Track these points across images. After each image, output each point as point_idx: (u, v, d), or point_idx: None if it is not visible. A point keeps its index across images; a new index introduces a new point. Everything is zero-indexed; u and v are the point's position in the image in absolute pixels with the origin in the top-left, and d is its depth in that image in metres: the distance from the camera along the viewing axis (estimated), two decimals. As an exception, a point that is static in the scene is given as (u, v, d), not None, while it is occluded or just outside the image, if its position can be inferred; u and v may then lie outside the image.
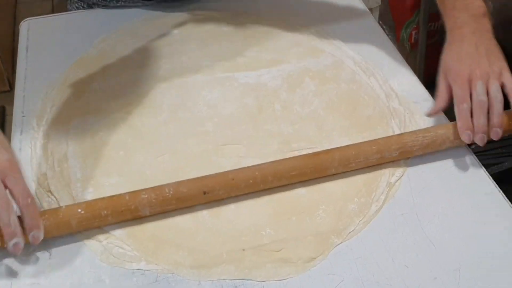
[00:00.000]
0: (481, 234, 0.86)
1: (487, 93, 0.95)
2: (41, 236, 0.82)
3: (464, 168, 0.96)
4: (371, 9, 1.30)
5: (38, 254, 0.84)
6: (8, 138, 1.04)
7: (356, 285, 0.80)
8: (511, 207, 0.90)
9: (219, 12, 1.35)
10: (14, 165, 0.82)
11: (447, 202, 0.91)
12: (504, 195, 0.92)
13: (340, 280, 0.80)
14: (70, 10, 1.41)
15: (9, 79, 2.75)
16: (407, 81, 1.15)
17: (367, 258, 0.83)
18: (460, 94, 0.96)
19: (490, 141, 0.95)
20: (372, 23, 1.29)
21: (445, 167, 0.96)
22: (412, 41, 2.42)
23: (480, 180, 0.95)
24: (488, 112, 0.94)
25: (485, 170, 0.96)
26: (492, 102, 0.94)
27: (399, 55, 1.22)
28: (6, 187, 0.80)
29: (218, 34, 1.29)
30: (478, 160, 0.97)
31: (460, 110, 0.95)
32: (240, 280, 0.80)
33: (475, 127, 0.94)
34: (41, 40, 1.27)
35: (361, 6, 1.36)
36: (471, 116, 0.95)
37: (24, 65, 1.20)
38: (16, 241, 0.79)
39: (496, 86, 0.95)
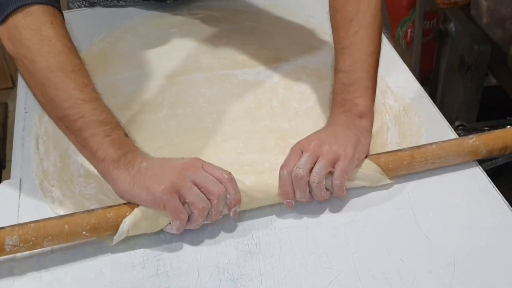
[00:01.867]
0: (475, 228, 0.86)
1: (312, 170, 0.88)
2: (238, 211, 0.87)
3: (458, 164, 0.96)
4: (367, 8, 1.29)
5: (40, 248, 0.84)
6: (11, 134, 1.04)
7: (352, 279, 0.79)
8: (505, 202, 0.90)
9: (218, 11, 1.35)
10: (199, 159, 0.88)
11: (442, 197, 0.91)
12: (498, 191, 0.92)
13: (337, 273, 0.80)
14: (72, 8, 1.40)
15: (12, 76, 2.75)
16: (402, 78, 1.15)
17: (363, 252, 0.83)
18: (286, 160, 0.90)
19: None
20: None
21: (440, 162, 0.96)
22: (408, 39, 2.42)
23: (474, 176, 0.94)
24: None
25: (479, 166, 0.96)
26: (310, 182, 0.88)
27: (395, 53, 1.22)
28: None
29: (218, 32, 1.29)
30: (472, 156, 0.97)
31: (280, 175, 0.88)
32: (239, 274, 0.81)
33: (296, 198, 0.89)
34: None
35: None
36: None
37: (26, 62, 1.20)
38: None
39: (320, 166, 0.87)
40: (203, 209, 0.83)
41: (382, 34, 0.98)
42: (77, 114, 0.84)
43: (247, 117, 1.06)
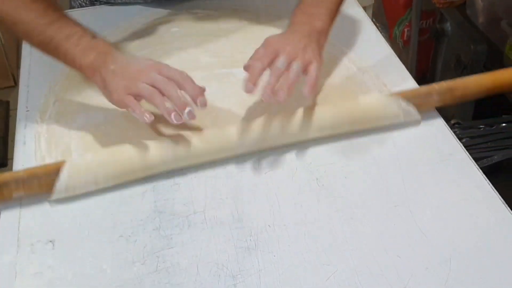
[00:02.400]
0: (471, 225, 0.86)
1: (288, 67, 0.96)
2: (207, 101, 0.93)
3: (455, 162, 0.96)
4: (365, 7, 1.29)
5: (42, 245, 0.84)
6: (13, 132, 1.04)
7: (350, 275, 0.79)
8: (500, 200, 0.90)
9: (217, 10, 1.35)
10: (159, 63, 0.97)
11: (439, 194, 0.90)
12: (493, 188, 0.91)
13: (334, 270, 0.80)
14: (74, 7, 1.40)
15: (14, 75, 2.75)
16: (399, 77, 1.14)
17: (361, 249, 0.83)
18: (261, 54, 0.98)
19: (480, 136, 0.95)
20: (366, 21, 1.29)
21: (437, 160, 0.96)
22: (405, 38, 2.42)
23: (470, 173, 0.94)
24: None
25: (475, 163, 0.96)
26: (288, 72, 0.95)
27: (391, 52, 1.22)
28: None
29: (217, 31, 1.28)
30: (468, 154, 0.97)
31: (252, 65, 0.96)
32: (238, 270, 0.80)
33: (266, 85, 0.94)
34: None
35: (356, 4, 1.35)
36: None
37: (28, 61, 1.20)
38: (189, 109, 0.90)
39: (297, 63, 0.96)
40: (154, 92, 0.91)
41: (379, 32, 0.98)
42: (48, 38, 0.95)
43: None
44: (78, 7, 1.39)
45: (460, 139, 0.98)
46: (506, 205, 0.89)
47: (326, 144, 0.99)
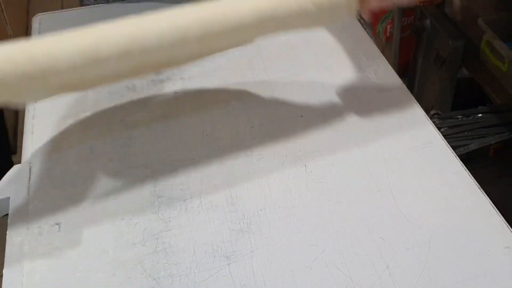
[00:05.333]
0: (449, 209, 0.86)
1: None
2: None
3: (434, 150, 0.95)
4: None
5: (49, 227, 0.84)
6: (22, 122, 1.03)
7: (336, 255, 0.79)
8: (476, 185, 0.89)
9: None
10: None
11: (419, 180, 0.90)
12: (470, 174, 0.91)
13: (321, 250, 0.80)
14: (85, 5, 1.37)
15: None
16: (382, 70, 1.14)
17: (346, 231, 0.82)
18: None
19: (458, 125, 0.95)
20: (351, 18, 1.28)
21: (417, 149, 0.95)
22: (387, 34, 2.42)
23: (448, 160, 0.94)
24: None
25: (453, 151, 0.96)
26: None
27: (375, 47, 1.21)
28: None
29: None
30: (447, 143, 0.97)
31: None
32: (231, 251, 0.80)
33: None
34: (52, 33, 1.25)
35: (342, 2, 1.35)
36: None
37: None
38: None
39: None
40: None
41: (363, 29, 0.97)
42: None
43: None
44: (91, 4, 1.37)
45: (439, 128, 0.98)
46: (481, 189, 0.89)
47: (316, 134, 0.98)
